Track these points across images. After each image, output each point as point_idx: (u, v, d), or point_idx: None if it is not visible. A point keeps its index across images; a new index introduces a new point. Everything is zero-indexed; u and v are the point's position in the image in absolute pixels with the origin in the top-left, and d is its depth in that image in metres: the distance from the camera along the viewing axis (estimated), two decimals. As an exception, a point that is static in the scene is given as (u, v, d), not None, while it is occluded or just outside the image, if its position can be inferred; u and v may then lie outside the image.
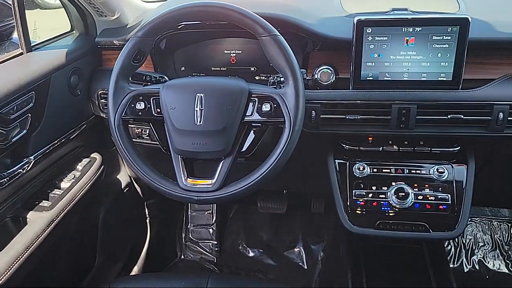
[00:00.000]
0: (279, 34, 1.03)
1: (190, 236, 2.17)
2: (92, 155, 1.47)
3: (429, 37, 1.12)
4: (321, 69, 1.24)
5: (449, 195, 1.20)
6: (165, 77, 1.26)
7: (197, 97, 1.04)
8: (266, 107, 1.04)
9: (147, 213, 1.93)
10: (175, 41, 1.41)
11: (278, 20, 1.19)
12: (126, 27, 1.43)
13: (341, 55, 1.23)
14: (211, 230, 2.17)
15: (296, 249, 2.10)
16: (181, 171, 1.08)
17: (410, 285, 1.28)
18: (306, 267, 2.04)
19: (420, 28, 1.12)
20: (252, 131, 1.12)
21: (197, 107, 1.04)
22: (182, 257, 2.13)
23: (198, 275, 1.23)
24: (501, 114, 1.14)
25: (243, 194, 1.05)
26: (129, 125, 1.38)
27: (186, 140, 1.05)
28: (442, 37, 1.12)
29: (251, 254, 2.13)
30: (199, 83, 1.08)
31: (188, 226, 2.19)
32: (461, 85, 1.15)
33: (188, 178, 1.07)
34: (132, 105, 1.09)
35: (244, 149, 1.11)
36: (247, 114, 1.06)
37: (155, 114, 1.09)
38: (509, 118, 1.15)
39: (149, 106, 1.09)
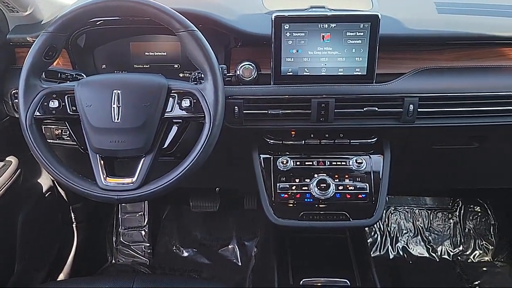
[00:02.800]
0: (196, 29, 1.03)
1: (121, 239, 2.12)
2: (7, 159, 1.39)
3: (344, 33, 1.17)
4: (243, 65, 1.25)
5: (367, 185, 1.25)
6: (83, 74, 1.22)
7: (114, 93, 1.02)
8: (186, 103, 1.04)
9: (73, 217, 1.86)
10: (95, 38, 1.37)
11: (197, 16, 1.19)
12: (40, 23, 1.36)
13: (262, 51, 1.25)
14: (143, 232, 2.14)
15: (230, 246, 2.12)
16: (100, 171, 1.05)
17: (334, 275, 1.33)
18: (240, 264, 2.06)
19: (335, 25, 1.16)
20: (174, 127, 1.11)
21: (114, 104, 1.02)
22: (113, 261, 2.08)
23: (124, 276, 1.21)
24: (411, 106, 1.21)
25: (165, 191, 1.04)
26: (48, 126, 1.35)
27: (104, 138, 1.03)
28: (355, 33, 1.16)
29: (185, 254, 2.11)
30: (116, 79, 1.06)
31: (119, 229, 2.13)
32: (375, 79, 1.21)
33: (107, 178, 1.05)
34: (45, 104, 1.05)
35: (165, 145, 1.10)
36: (167, 110, 1.05)
37: (70, 113, 1.06)
38: (419, 110, 1.22)
39: (63, 104, 1.05)
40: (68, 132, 1.38)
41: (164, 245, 2.14)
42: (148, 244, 2.11)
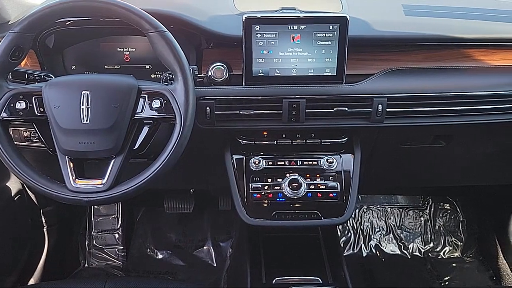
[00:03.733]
0: (166, 30, 1.03)
1: (94, 242, 2.09)
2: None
3: (313, 35, 1.18)
4: (215, 66, 1.25)
5: (338, 184, 1.27)
6: (51, 75, 1.20)
7: (82, 94, 1.01)
8: (156, 104, 1.04)
9: (44, 221, 1.82)
10: (64, 38, 1.35)
11: (168, 16, 1.19)
12: (7, 24, 1.34)
13: (234, 52, 1.25)
14: (116, 235, 2.11)
15: (205, 248, 2.11)
16: (69, 173, 1.04)
17: (306, 273, 1.34)
18: (215, 265, 2.06)
19: (305, 26, 1.17)
20: (144, 128, 1.10)
21: (83, 105, 1.01)
22: (86, 265, 2.05)
23: (96, 278, 1.19)
24: (380, 106, 1.23)
25: (136, 192, 1.03)
26: (16, 128, 1.32)
27: (72, 140, 1.02)
28: (325, 34, 1.18)
29: (160, 256, 2.10)
30: (84, 80, 1.05)
31: (92, 233, 2.10)
32: (345, 80, 1.23)
33: (77, 179, 1.04)
34: (12, 105, 1.03)
35: (136, 146, 1.10)
36: (137, 111, 1.05)
37: (38, 114, 1.04)
38: (387, 110, 1.24)
39: (31, 105, 1.04)
40: (37, 135, 1.36)
41: (138, 247, 2.13)
42: (121, 247, 2.09)
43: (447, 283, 1.97)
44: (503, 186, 1.86)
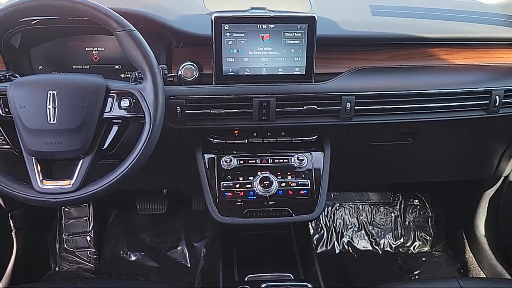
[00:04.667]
0: (134, 29, 1.02)
1: (65, 246, 2.06)
2: None
3: (282, 34, 1.20)
4: (185, 65, 1.25)
5: (308, 181, 1.29)
6: (17, 75, 1.18)
7: (49, 94, 1.00)
8: (125, 103, 1.04)
9: (12, 224, 1.78)
10: (30, 38, 1.32)
11: (136, 15, 1.19)
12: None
13: (204, 51, 1.25)
14: (88, 237, 2.08)
15: (179, 248, 2.11)
16: (36, 174, 1.02)
17: (278, 269, 1.36)
18: (189, 265, 2.05)
19: (273, 25, 1.19)
20: (114, 127, 1.10)
21: (49, 105, 0.99)
22: (57, 268, 2.01)
23: (66, 281, 1.18)
24: (348, 104, 1.26)
25: (106, 192, 1.03)
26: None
27: (39, 140, 1.00)
28: (293, 33, 1.20)
29: (133, 258, 2.08)
30: (51, 80, 1.03)
31: (63, 236, 2.07)
32: (314, 79, 1.25)
33: (44, 180, 1.02)
34: None
35: (105, 146, 1.09)
36: (106, 111, 1.04)
37: (3, 114, 1.03)
38: (355, 108, 1.27)
39: None
40: (2, 136, 1.33)
41: (110, 250, 2.10)
42: (93, 250, 2.06)
43: (416, 276, 2.01)
44: (469, 181, 1.92)
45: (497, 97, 1.32)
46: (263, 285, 1.26)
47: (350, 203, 2.28)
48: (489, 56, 1.41)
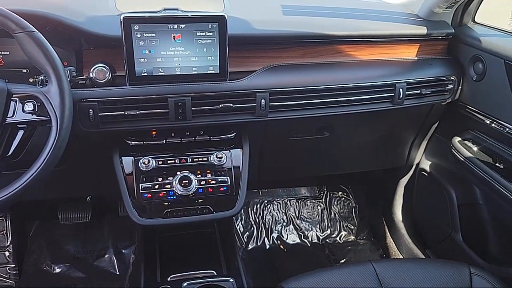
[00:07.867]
0: (34, 30, 0.99)
1: (-19, 263, 1.93)
2: None
3: (194, 33, 1.21)
4: (96, 67, 1.22)
5: (228, 178, 1.31)
6: None
7: None
8: (29, 107, 1.00)
9: None
10: None
11: (40, 17, 1.14)
12: None
13: (116, 52, 1.23)
14: (7, 253, 1.96)
15: (107, 256, 2.04)
16: None
17: (202, 267, 1.37)
18: (118, 273, 2.00)
19: (184, 25, 1.20)
20: (19, 133, 1.05)
21: None
22: (-28, 288, 1.88)
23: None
24: (263, 101, 1.29)
25: (12, 200, 0.98)
26: None
27: None
28: (205, 33, 1.21)
29: (57, 270, 1.99)
30: None
31: (-22, 253, 1.94)
32: (229, 77, 1.27)
33: None
34: None
35: (10, 153, 1.04)
36: (8, 116, 1.00)
37: None
38: (270, 104, 1.31)
39: None
40: None
41: (32, 264, 2.00)
42: (13, 265, 1.94)
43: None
44: (385, 170, 2.03)
45: (401, 90, 1.41)
46: (184, 284, 1.26)
47: (278, 199, 2.34)
48: (393, 52, 1.51)
